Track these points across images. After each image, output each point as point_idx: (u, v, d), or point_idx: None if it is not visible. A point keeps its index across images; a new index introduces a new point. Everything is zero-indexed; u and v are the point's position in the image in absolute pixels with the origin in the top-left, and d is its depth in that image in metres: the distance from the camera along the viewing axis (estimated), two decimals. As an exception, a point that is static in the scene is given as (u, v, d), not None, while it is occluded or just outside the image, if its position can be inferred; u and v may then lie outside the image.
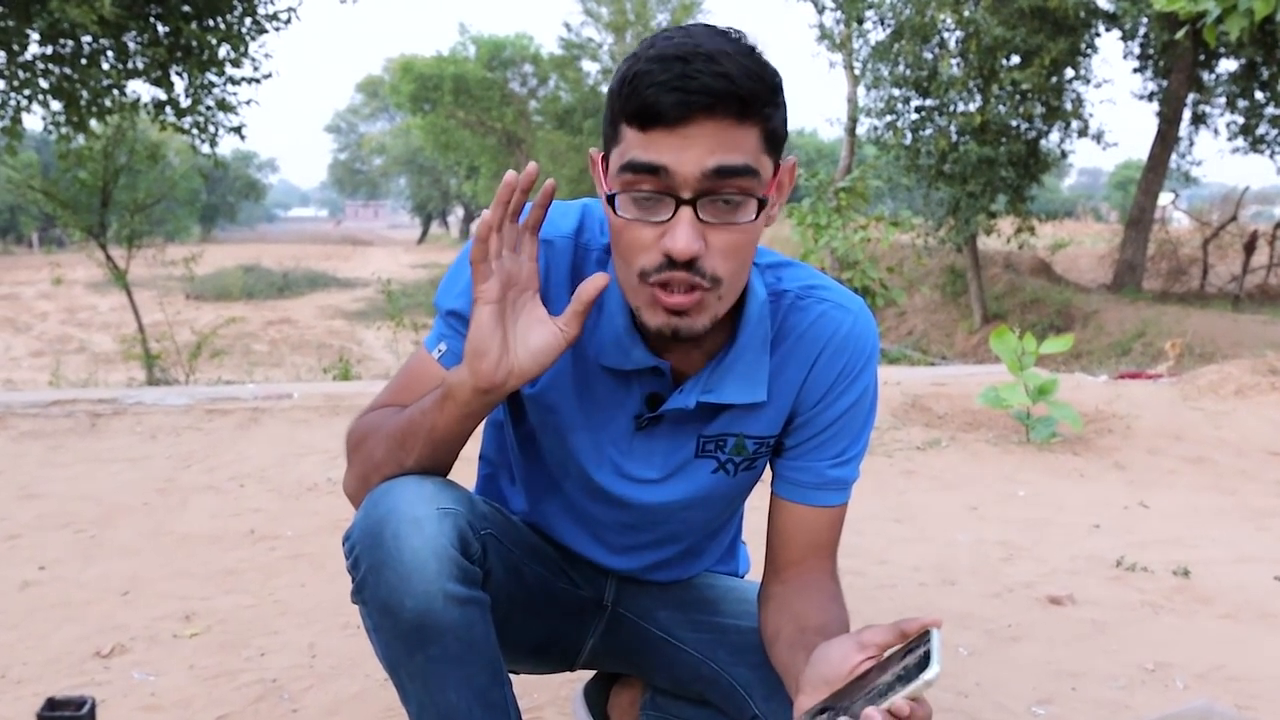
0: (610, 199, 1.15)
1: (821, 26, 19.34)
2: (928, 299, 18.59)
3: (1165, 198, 20.32)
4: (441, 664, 1.21)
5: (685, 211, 1.10)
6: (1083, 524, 3.48)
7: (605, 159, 1.18)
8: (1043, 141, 16.45)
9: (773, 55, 1.16)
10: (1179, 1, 6.11)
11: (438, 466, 1.29)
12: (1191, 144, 19.00)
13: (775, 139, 1.15)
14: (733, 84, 1.07)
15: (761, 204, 1.14)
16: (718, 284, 1.15)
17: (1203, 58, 16.92)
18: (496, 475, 1.57)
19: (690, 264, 1.12)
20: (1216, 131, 18.80)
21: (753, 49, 1.12)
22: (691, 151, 1.09)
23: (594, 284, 1.14)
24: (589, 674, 1.89)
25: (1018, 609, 2.70)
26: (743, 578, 1.68)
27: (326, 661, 2.34)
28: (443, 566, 1.18)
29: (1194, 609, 2.71)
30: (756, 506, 1.52)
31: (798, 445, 1.37)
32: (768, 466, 1.44)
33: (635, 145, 1.11)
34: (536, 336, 1.17)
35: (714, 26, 1.13)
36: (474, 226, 1.15)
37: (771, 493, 1.41)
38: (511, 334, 1.17)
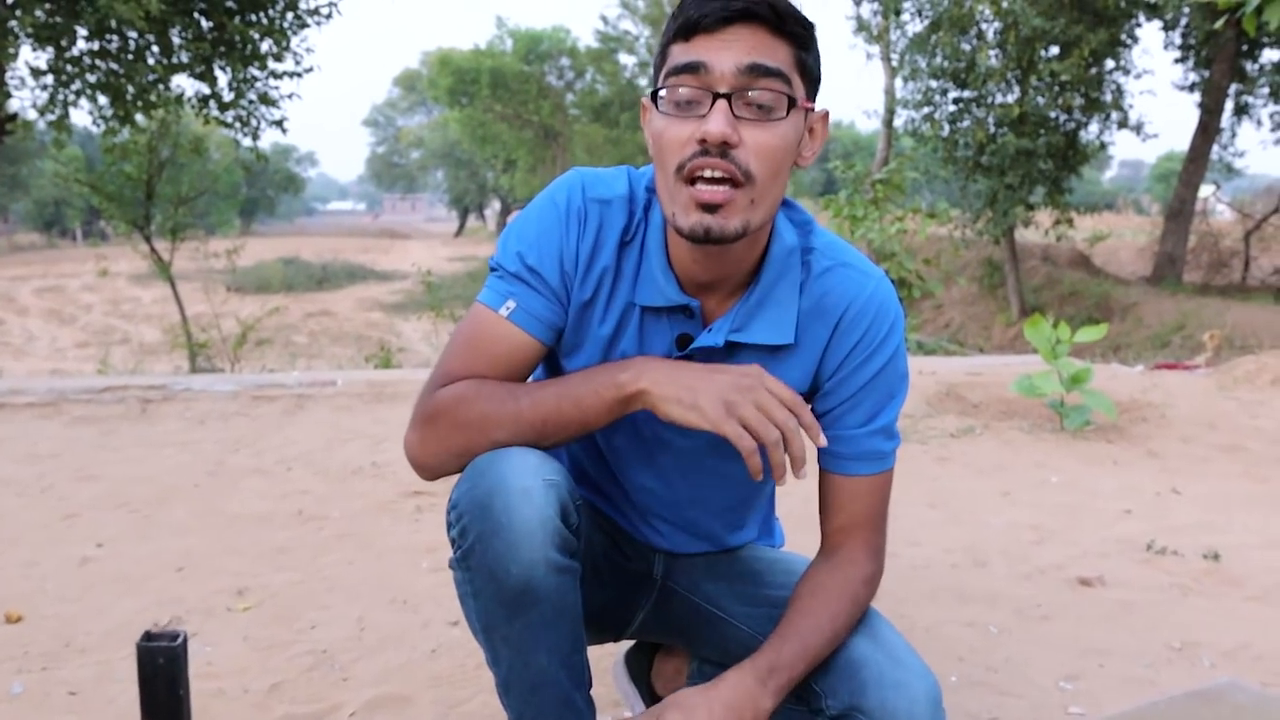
0: (654, 96, 1.23)
1: (859, 18, 19.31)
2: (965, 291, 18.48)
3: (1206, 189, 20.05)
4: (537, 629, 1.25)
5: (721, 103, 1.17)
6: (1114, 509, 3.50)
7: (654, 97, 1.25)
8: (1082, 133, 16.30)
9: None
10: (1218, -9, 6.12)
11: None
12: (1234, 135, 18.84)
13: (807, 69, 1.23)
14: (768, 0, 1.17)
15: (791, 105, 1.20)
16: (750, 181, 1.19)
17: (1245, 48, 16.72)
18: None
19: (724, 153, 1.18)
20: (1260, 123, 18.56)
21: None
22: (730, 50, 1.17)
23: None
24: (628, 644, 1.96)
25: (1048, 590, 2.73)
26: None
27: (375, 634, 2.42)
28: (548, 536, 1.21)
29: (1223, 591, 2.74)
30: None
31: (829, 411, 1.40)
32: None
33: (679, 54, 1.20)
34: None
35: None
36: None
37: (818, 469, 1.44)
38: None
